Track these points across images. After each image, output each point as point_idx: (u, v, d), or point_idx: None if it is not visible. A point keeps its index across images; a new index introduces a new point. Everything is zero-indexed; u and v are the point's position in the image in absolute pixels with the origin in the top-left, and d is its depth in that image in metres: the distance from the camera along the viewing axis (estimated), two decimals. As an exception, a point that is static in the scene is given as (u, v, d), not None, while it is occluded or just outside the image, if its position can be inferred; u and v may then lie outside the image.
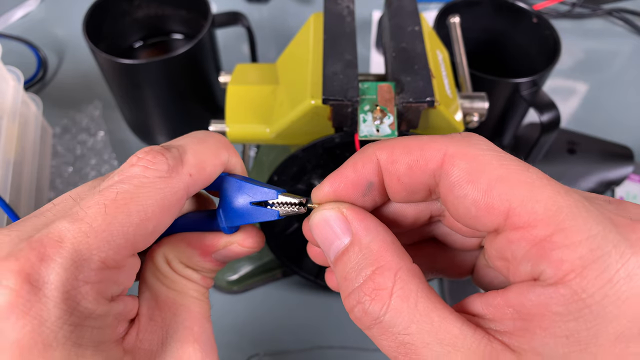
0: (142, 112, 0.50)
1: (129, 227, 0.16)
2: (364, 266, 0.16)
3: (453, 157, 0.16)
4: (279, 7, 0.71)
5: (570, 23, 0.69)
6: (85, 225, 0.15)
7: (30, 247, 0.14)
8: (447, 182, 0.16)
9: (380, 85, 0.29)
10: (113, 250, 0.15)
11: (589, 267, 0.13)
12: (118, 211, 0.16)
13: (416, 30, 0.32)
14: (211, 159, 0.19)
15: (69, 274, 0.15)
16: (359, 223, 0.17)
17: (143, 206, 0.16)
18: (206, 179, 0.19)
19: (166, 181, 0.17)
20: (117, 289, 0.16)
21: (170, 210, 0.17)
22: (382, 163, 0.17)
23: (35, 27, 0.68)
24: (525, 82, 0.42)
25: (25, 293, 0.14)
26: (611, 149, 0.53)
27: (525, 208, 0.14)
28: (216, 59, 0.50)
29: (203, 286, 0.20)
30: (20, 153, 0.45)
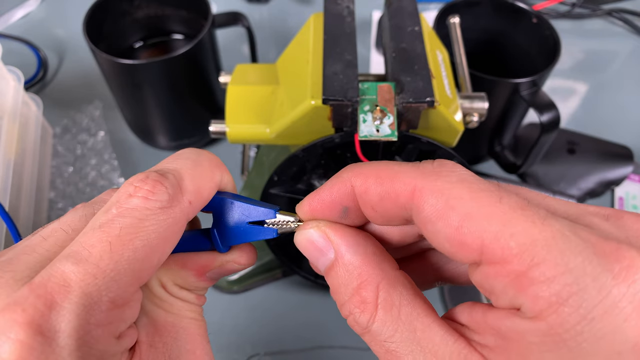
0: (142, 112, 0.50)
1: (135, 264, 0.15)
2: (349, 281, 0.17)
3: (422, 192, 0.16)
4: (279, 7, 0.71)
5: (570, 23, 0.70)
6: (91, 267, 0.15)
7: (35, 294, 0.14)
8: (420, 218, 0.16)
9: (380, 85, 0.29)
10: (122, 289, 0.15)
11: (564, 304, 0.13)
12: (124, 248, 0.15)
13: (416, 30, 0.32)
14: (207, 183, 0.19)
15: (81, 319, 0.14)
16: (340, 240, 0.17)
17: (148, 240, 0.16)
18: (203, 203, 0.19)
19: (167, 212, 0.16)
20: (125, 325, 0.16)
21: (172, 240, 0.17)
22: (356, 190, 0.17)
23: (36, 27, 0.68)
24: (525, 83, 0.42)
25: (39, 345, 0.13)
26: (611, 149, 0.53)
27: (498, 243, 0.14)
28: (216, 59, 0.50)
29: (198, 305, 0.20)
30: (20, 153, 0.45)
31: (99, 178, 0.52)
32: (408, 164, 0.17)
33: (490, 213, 0.14)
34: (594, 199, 0.51)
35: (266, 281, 0.46)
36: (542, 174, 0.52)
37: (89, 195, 0.51)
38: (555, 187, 0.51)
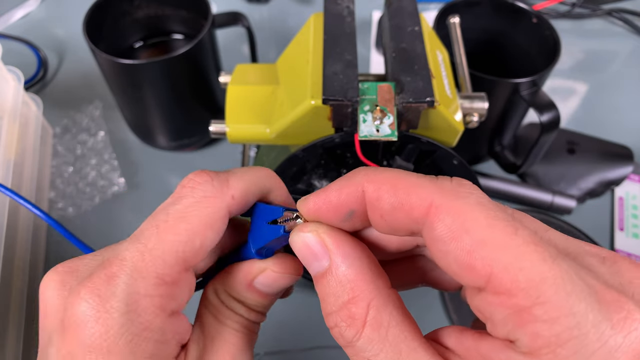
0: (142, 112, 0.50)
1: (178, 245, 0.17)
2: (340, 294, 0.17)
3: (438, 209, 0.15)
4: (279, 7, 0.71)
5: (570, 23, 0.70)
6: (141, 246, 0.17)
7: (102, 267, 0.17)
8: (431, 235, 0.16)
9: (380, 85, 0.29)
10: (167, 267, 0.17)
11: (563, 346, 0.13)
12: (168, 231, 0.18)
13: (416, 30, 0.32)
14: (252, 187, 0.20)
15: (131, 288, 0.17)
16: (337, 249, 0.17)
17: (191, 224, 0.18)
18: (247, 202, 0.20)
19: (210, 200, 0.18)
20: (175, 304, 0.18)
21: (214, 227, 0.18)
22: (367, 196, 0.17)
23: (36, 27, 0.68)
24: (525, 82, 0.42)
25: (96, 305, 0.16)
26: (611, 149, 0.53)
27: (507, 275, 0.14)
28: (216, 59, 0.50)
29: (247, 319, 0.20)
30: (20, 153, 0.45)
31: (99, 178, 0.52)
32: (425, 177, 0.16)
33: (504, 243, 0.14)
34: (594, 199, 0.51)
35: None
36: (542, 173, 0.52)
37: (89, 195, 0.51)
38: (555, 187, 0.51)
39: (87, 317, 0.16)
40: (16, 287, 0.40)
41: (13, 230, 0.41)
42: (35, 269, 0.44)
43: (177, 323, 0.18)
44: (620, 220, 0.50)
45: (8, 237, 0.38)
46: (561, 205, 0.49)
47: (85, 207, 0.50)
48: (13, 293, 0.40)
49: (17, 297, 0.40)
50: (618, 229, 0.49)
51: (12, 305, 0.39)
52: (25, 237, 0.44)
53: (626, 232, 0.49)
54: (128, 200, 0.51)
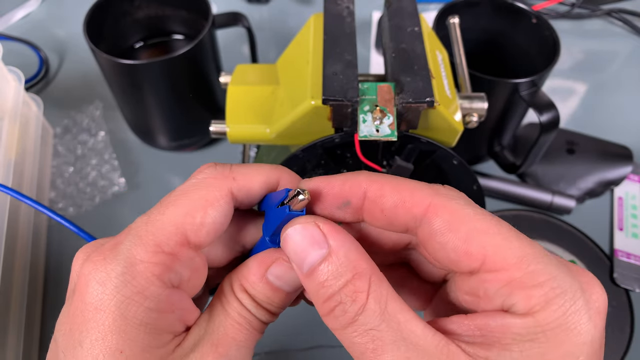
0: (142, 112, 0.50)
1: (177, 217, 0.19)
2: (343, 273, 0.18)
3: (437, 207, 0.18)
4: (279, 7, 0.71)
5: (569, 23, 0.70)
6: (145, 217, 0.19)
7: (115, 237, 0.19)
8: (429, 229, 0.18)
9: (380, 85, 0.29)
10: (165, 236, 0.18)
11: (551, 302, 0.16)
12: (170, 204, 0.19)
13: (416, 30, 0.32)
14: (257, 175, 0.21)
15: (130, 253, 0.18)
16: (336, 235, 0.19)
17: (190, 199, 0.19)
18: (251, 188, 0.21)
19: (210, 180, 0.20)
20: (174, 277, 0.19)
21: (215, 205, 0.19)
22: (369, 194, 0.19)
23: (36, 28, 0.68)
24: (524, 83, 0.42)
25: (100, 266, 0.18)
26: (610, 149, 0.53)
27: (499, 255, 0.17)
28: (216, 59, 0.50)
29: (253, 314, 0.20)
30: (21, 153, 0.45)
31: (99, 178, 0.52)
32: (422, 183, 0.19)
33: (492, 231, 0.18)
34: (594, 199, 0.51)
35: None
36: (542, 174, 0.52)
37: (90, 195, 0.51)
38: (554, 187, 0.51)
39: (91, 277, 0.18)
40: (17, 287, 0.40)
41: (14, 230, 0.41)
42: (35, 269, 0.45)
43: (175, 297, 0.19)
44: (620, 220, 0.50)
45: (9, 236, 0.38)
46: (561, 205, 0.49)
47: (85, 207, 0.51)
48: (14, 292, 0.40)
49: (17, 296, 0.40)
50: (617, 229, 0.49)
51: (12, 305, 0.39)
52: (26, 237, 0.44)
53: (625, 232, 0.49)
54: (128, 200, 0.51)
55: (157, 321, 0.18)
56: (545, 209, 0.50)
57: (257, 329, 0.21)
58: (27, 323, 0.40)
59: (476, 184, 0.33)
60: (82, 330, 0.17)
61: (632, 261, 0.46)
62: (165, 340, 0.18)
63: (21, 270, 0.42)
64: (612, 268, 0.46)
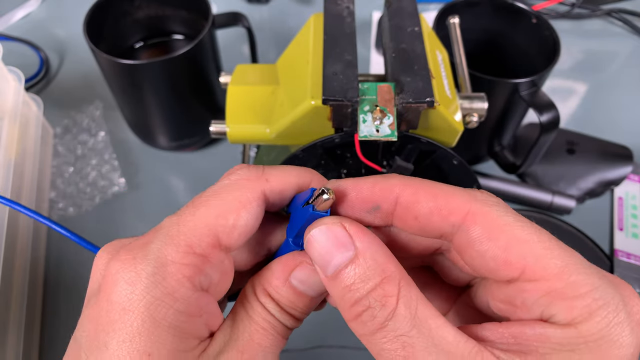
0: (142, 112, 0.50)
1: (209, 218, 0.18)
2: (371, 276, 0.17)
3: (475, 215, 0.18)
4: (279, 7, 0.71)
5: (569, 23, 0.70)
6: (176, 217, 0.19)
7: (142, 236, 0.19)
8: (467, 237, 0.18)
9: (380, 85, 0.29)
10: (197, 237, 0.18)
11: (594, 314, 0.16)
12: (201, 204, 0.19)
13: (416, 30, 0.32)
14: (290, 177, 0.21)
15: (161, 252, 0.18)
16: (363, 236, 0.18)
17: (223, 201, 0.19)
18: (283, 190, 0.20)
19: (244, 182, 0.19)
20: (204, 279, 0.18)
21: (247, 207, 0.19)
22: (402, 199, 0.19)
23: (36, 28, 0.68)
24: (524, 83, 0.42)
25: (129, 265, 0.17)
26: (610, 149, 0.53)
27: (540, 264, 0.17)
28: (216, 59, 0.50)
29: (278, 319, 0.20)
30: (21, 153, 0.45)
31: (99, 178, 0.52)
32: (458, 188, 0.19)
33: (533, 239, 0.17)
34: (594, 199, 0.51)
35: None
36: (542, 174, 0.52)
37: (90, 195, 0.51)
38: (554, 187, 0.51)
39: (119, 277, 0.17)
40: (17, 287, 0.40)
41: (13, 229, 0.41)
42: (35, 269, 0.45)
43: (204, 301, 0.18)
44: (620, 220, 0.50)
45: (9, 236, 0.38)
46: (561, 205, 0.49)
47: (85, 207, 0.51)
48: (14, 293, 0.40)
49: (17, 297, 0.40)
50: (617, 229, 0.49)
51: (12, 306, 0.39)
52: (26, 237, 0.44)
53: (626, 232, 0.49)
54: (128, 200, 0.51)
55: (186, 325, 0.18)
56: (545, 209, 0.50)
57: (282, 334, 0.20)
58: (27, 323, 0.40)
59: (476, 184, 0.33)
60: (109, 331, 0.17)
61: (632, 261, 0.46)
62: (192, 345, 0.18)
63: (21, 270, 0.42)
64: (612, 268, 0.46)
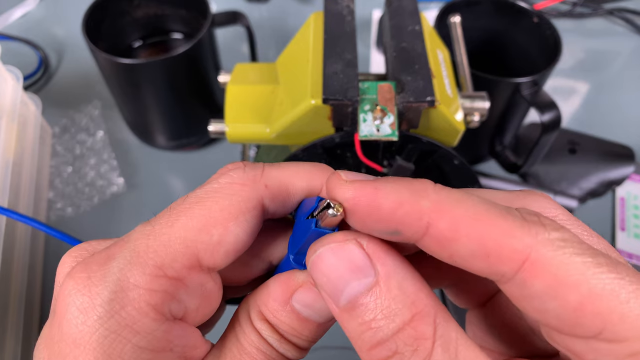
0: (141, 111, 0.50)
1: (188, 232, 0.15)
2: (398, 311, 0.13)
3: (537, 266, 0.13)
4: (278, 6, 0.71)
5: (571, 22, 0.69)
6: (149, 227, 0.15)
7: (108, 247, 0.15)
8: (524, 291, 0.13)
9: (381, 84, 0.29)
10: (170, 256, 0.14)
11: None
12: (180, 213, 0.15)
13: (416, 29, 0.32)
14: (295, 179, 0.16)
15: (122, 274, 0.14)
16: (386, 258, 0.14)
17: (208, 210, 0.15)
18: (287, 197, 0.16)
19: (237, 187, 0.15)
20: (178, 307, 0.15)
21: (239, 219, 0.15)
22: (433, 231, 0.13)
23: (35, 27, 0.68)
24: (526, 82, 0.41)
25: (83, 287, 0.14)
26: (612, 148, 0.53)
27: (624, 324, 0.12)
28: (216, 58, 0.50)
29: (276, 349, 0.16)
30: (19, 153, 0.44)
31: (97, 178, 0.52)
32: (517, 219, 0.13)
33: (615, 290, 0.13)
34: (596, 199, 0.51)
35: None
36: (543, 173, 0.52)
37: (88, 195, 0.51)
38: (556, 187, 0.51)
39: (70, 301, 0.14)
40: (15, 288, 0.40)
41: (11, 229, 0.41)
42: (34, 270, 0.44)
43: (176, 332, 0.15)
44: (622, 221, 0.49)
45: (6, 238, 0.38)
46: (562, 206, 0.49)
47: (84, 207, 0.50)
48: (12, 294, 0.39)
49: (15, 297, 0.40)
50: (619, 229, 0.49)
51: (10, 307, 0.39)
52: (24, 239, 0.43)
53: (628, 232, 0.48)
54: (127, 200, 0.51)
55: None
56: (546, 209, 0.50)
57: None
58: (25, 324, 0.40)
59: (477, 184, 0.33)
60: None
61: (634, 262, 0.46)
62: None
63: (19, 271, 0.41)
64: (614, 269, 0.46)
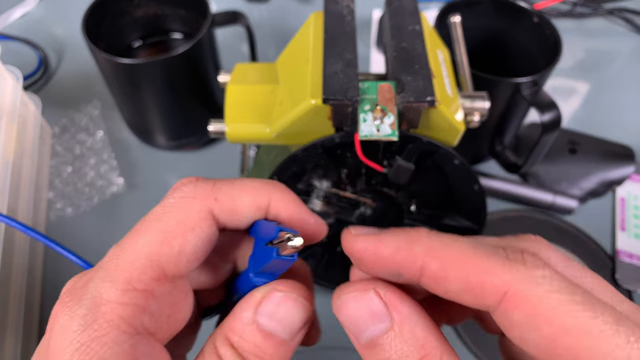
0: (141, 111, 0.50)
1: (151, 246, 0.16)
2: (410, 353, 0.15)
3: (515, 298, 0.15)
4: (278, 6, 0.71)
5: (571, 22, 0.69)
6: (117, 248, 0.16)
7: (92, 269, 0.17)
8: (506, 321, 0.15)
9: (381, 84, 0.29)
10: (137, 271, 0.16)
11: None
12: (142, 231, 0.16)
13: (416, 29, 0.32)
14: (244, 196, 0.18)
15: (97, 291, 0.15)
16: (401, 306, 0.16)
17: (166, 225, 0.16)
18: (235, 210, 0.18)
19: (189, 201, 0.17)
20: (149, 319, 0.16)
21: (195, 230, 0.17)
22: (427, 272, 0.16)
23: (34, 27, 0.68)
24: (526, 82, 0.41)
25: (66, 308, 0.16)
26: (612, 148, 0.53)
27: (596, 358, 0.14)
28: (215, 58, 0.50)
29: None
30: (19, 153, 0.44)
31: (97, 178, 0.52)
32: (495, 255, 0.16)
33: (587, 329, 0.14)
34: (596, 199, 0.51)
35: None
36: (544, 173, 0.52)
37: (88, 195, 0.51)
38: (556, 187, 0.51)
39: (57, 321, 0.15)
40: (14, 292, 0.40)
41: (11, 231, 0.41)
42: (33, 274, 0.44)
43: (145, 350, 0.15)
44: (622, 221, 0.49)
45: (6, 241, 0.38)
46: (563, 205, 0.49)
47: (84, 207, 0.50)
48: (11, 297, 0.39)
49: (15, 301, 0.40)
50: (620, 229, 0.49)
51: (10, 310, 0.39)
52: (24, 242, 0.43)
53: (628, 232, 0.48)
54: (127, 200, 0.51)
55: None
56: (547, 209, 0.50)
57: None
58: (24, 327, 0.40)
59: (478, 184, 0.33)
60: None
61: (634, 262, 0.46)
62: None
63: (19, 274, 0.41)
64: (614, 269, 0.46)
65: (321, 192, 0.35)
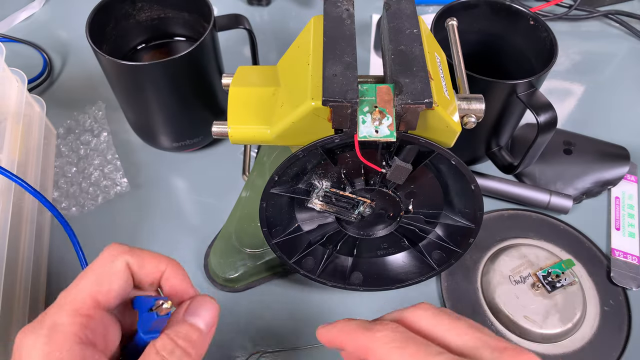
0: (144, 113, 0.50)
1: (89, 286, 0.24)
2: None
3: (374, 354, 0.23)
4: (279, 10, 0.71)
5: (566, 25, 0.70)
6: (64, 292, 0.24)
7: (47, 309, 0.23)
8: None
9: (379, 87, 0.30)
10: (80, 302, 0.23)
11: None
12: (82, 278, 0.24)
13: (415, 32, 0.32)
14: (150, 258, 0.26)
15: (53, 318, 0.22)
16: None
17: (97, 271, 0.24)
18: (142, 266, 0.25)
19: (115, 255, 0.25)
20: (90, 333, 0.23)
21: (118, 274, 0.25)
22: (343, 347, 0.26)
23: (39, 29, 0.69)
24: (522, 84, 0.42)
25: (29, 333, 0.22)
26: (607, 149, 0.54)
27: None
28: (218, 61, 0.50)
29: None
30: (24, 154, 0.45)
31: (101, 178, 0.53)
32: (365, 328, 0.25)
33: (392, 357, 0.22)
34: (591, 199, 0.52)
35: (267, 279, 0.46)
36: (539, 174, 0.52)
37: (93, 195, 0.52)
38: (552, 187, 0.52)
39: (23, 344, 0.22)
40: (20, 286, 0.41)
41: (17, 229, 0.41)
42: (38, 268, 0.45)
43: (89, 353, 0.22)
44: (617, 220, 0.50)
45: (12, 236, 0.39)
46: (558, 205, 0.50)
47: (88, 207, 0.51)
48: (17, 292, 0.40)
49: (20, 296, 0.40)
50: (614, 229, 0.49)
51: (15, 305, 0.39)
52: (29, 236, 0.44)
53: (622, 231, 0.49)
54: (131, 200, 0.52)
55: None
56: (542, 209, 0.51)
57: None
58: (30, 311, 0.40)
59: (474, 184, 0.34)
60: None
61: (628, 260, 0.47)
62: None
63: (24, 269, 0.42)
64: (609, 267, 0.46)
65: (321, 192, 0.36)
